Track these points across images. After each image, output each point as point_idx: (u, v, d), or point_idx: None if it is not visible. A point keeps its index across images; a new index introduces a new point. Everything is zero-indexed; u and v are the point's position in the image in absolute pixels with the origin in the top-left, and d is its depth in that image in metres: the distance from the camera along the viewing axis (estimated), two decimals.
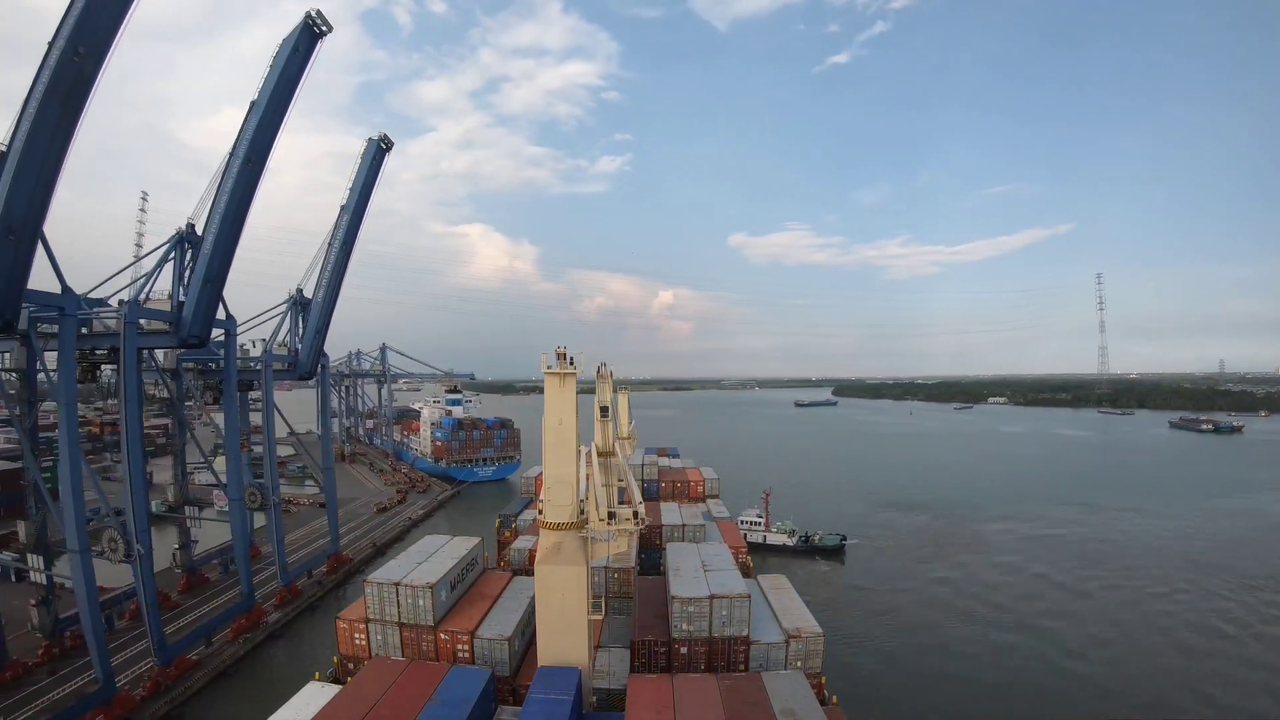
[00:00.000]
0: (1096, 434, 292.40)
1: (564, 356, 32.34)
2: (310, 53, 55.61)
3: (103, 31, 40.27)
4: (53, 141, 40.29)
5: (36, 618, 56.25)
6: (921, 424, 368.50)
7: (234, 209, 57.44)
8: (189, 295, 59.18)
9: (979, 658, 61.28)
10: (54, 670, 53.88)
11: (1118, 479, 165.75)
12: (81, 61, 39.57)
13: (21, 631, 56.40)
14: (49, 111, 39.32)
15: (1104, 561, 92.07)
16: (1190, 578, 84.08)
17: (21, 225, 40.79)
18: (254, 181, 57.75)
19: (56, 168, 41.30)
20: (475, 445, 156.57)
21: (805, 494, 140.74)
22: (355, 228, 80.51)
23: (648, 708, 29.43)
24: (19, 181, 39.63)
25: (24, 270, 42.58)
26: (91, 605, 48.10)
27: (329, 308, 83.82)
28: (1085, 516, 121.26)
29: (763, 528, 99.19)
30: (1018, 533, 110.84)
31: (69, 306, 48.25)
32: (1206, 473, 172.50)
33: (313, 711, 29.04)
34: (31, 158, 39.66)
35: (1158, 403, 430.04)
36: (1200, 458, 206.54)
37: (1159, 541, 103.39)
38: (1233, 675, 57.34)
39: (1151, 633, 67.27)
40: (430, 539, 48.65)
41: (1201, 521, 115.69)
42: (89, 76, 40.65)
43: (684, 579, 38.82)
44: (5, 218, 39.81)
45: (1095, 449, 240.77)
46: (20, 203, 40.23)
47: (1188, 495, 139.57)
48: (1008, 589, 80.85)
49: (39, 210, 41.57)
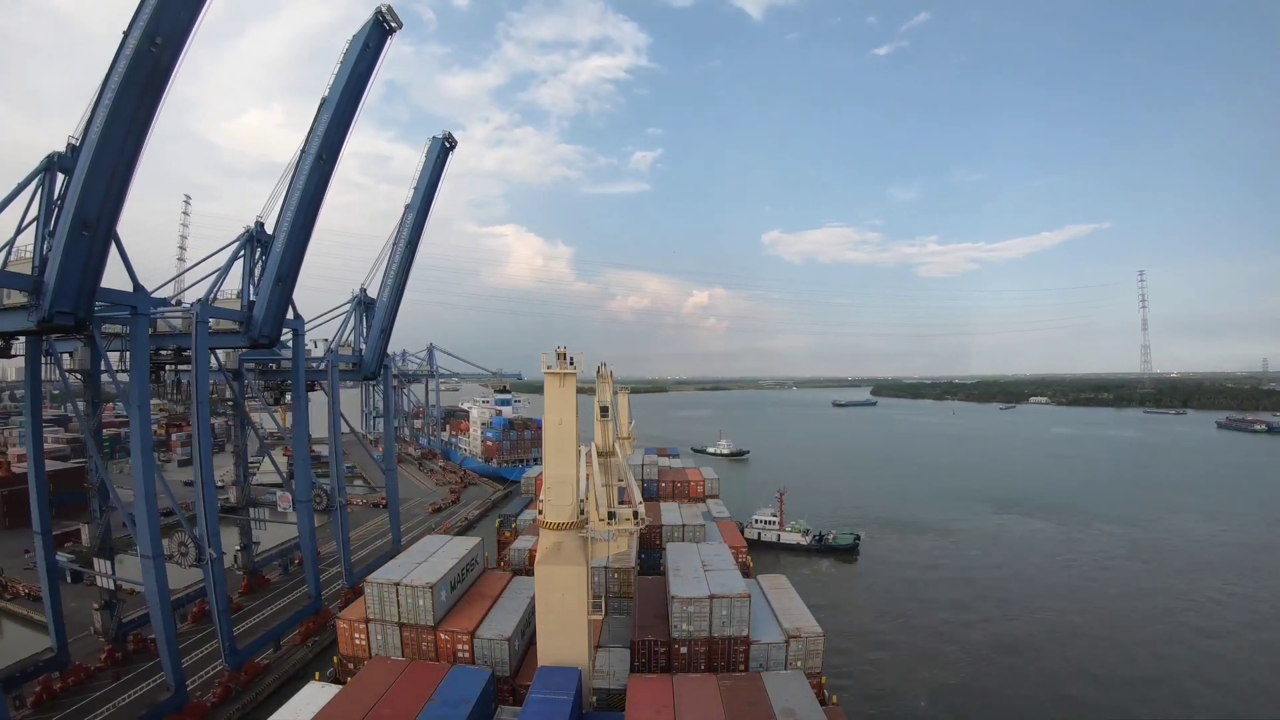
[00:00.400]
0: (1149, 435, 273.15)
1: (564, 356, 31.43)
2: (380, 49, 54.11)
3: (181, 21, 38.08)
4: (128, 135, 38.12)
5: (100, 621, 53.71)
6: (970, 424, 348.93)
7: (306, 207, 55.99)
8: (260, 294, 57.37)
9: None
10: (118, 675, 51.24)
11: (1215, 484, 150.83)
12: (158, 52, 37.24)
13: (81, 635, 53.81)
14: (125, 104, 37.13)
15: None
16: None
17: (96, 221, 38.67)
18: (325, 179, 56.38)
19: (132, 162, 39.21)
20: (526, 445, 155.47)
21: (892, 502, 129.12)
22: (420, 226, 78.18)
23: (648, 708, 28.57)
24: (94, 176, 37.57)
25: (98, 267, 40.38)
26: (164, 612, 45.97)
27: (394, 308, 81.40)
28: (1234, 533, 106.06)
29: (777, 527, 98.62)
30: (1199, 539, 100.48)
31: (142, 305, 45.73)
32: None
33: (313, 711, 28.41)
34: (107, 151, 37.69)
35: (1201, 403, 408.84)
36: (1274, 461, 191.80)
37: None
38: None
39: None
40: (430, 539, 47.22)
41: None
42: (166, 67, 38.34)
43: (684, 579, 37.69)
44: (79, 213, 37.82)
45: (1164, 452, 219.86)
46: (95, 198, 38.12)
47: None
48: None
49: (114, 206, 39.41)
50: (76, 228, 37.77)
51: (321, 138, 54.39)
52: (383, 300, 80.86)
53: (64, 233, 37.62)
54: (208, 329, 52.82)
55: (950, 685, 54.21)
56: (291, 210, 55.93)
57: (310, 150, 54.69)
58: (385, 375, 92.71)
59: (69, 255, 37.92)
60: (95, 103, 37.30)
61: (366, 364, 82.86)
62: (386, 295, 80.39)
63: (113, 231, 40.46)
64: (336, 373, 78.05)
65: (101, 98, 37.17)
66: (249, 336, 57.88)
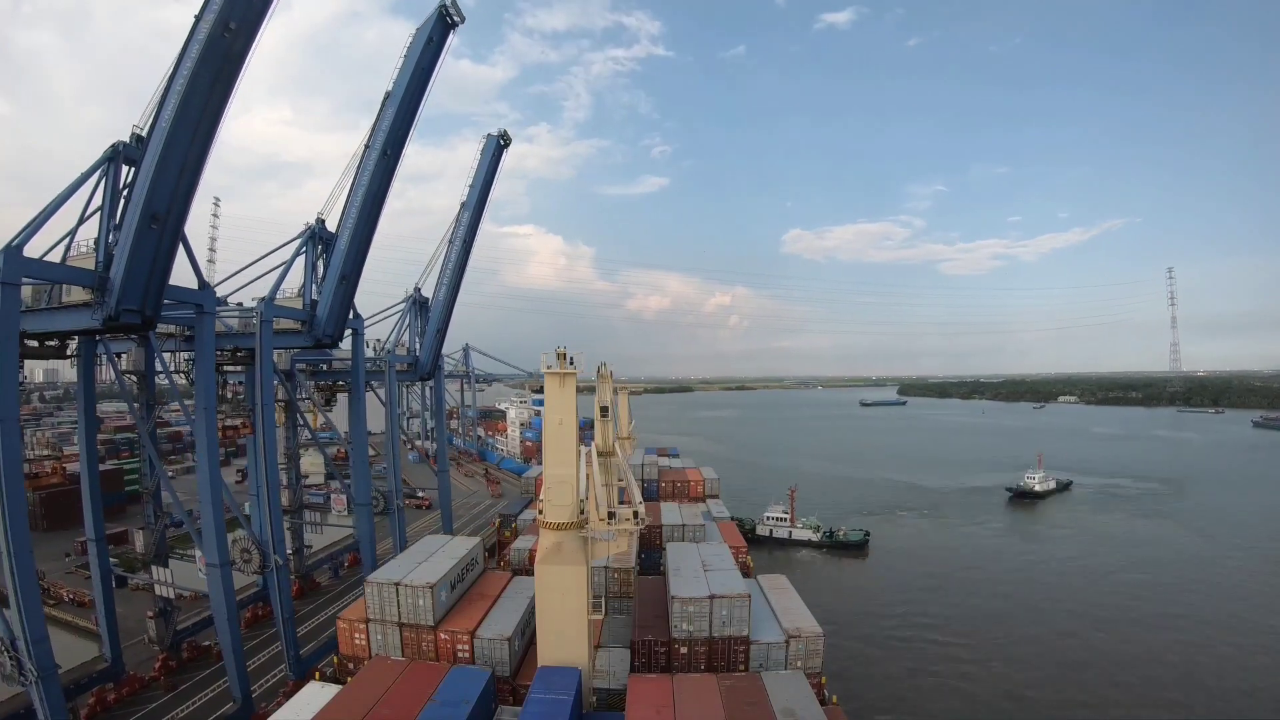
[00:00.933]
0: (1198, 434, 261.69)
1: (564, 356, 30.15)
2: (443, 43, 51.83)
3: (255, 6, 35.51)
4: (199, 125, 35.49)
5: (155, 629, 50.94)
6: (1004, 422, 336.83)
7: (370, 202, 53.42)
8: (323, 293, 54.75)
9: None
10: (172, 685, 48.67)
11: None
12: (231, 38, 34.75)
13: (132, 642, 51.03)
14: (197, 91, 34.49)
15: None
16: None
17: (165, 214, 35.77)
18: (390, 174, 53.92)
19: (204, 153, 36.72)
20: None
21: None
22: (475, 225, 74.45)
23: (648, 707, 27.30)
24: (164, 166, 34.68)
25: (167, 263, 37.52)
26: (231, 620, 43.52)
27: (449, 307, 77.76)
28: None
29: (788, 523, 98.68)
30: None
31: (208, 304, 43.03)
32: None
33: (313, 711, 27.71)
34: (178, 142, 34.77)
35: (1232, 401, 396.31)
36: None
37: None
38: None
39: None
40: (430, 539, 45.18)
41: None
42: (239, 54, 35.75)
43: (684, 579, 36.20)
44: (149, 206, 34.92)
45: (1230, 450, 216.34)
46: (164, 190, 35.19)
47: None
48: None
49: (184, 198, 36.67)
50: (145, 221, 35.00)
51: (386, 133, 52.37)
52: (438, 299, 77.05)
53: (132, 226, 34.92)
54: (272, 328, 50.47)
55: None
56: (356, 206, 53.58)
57: (375, 145, 52.61)
58: (439, 376, 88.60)
59: (137, 250, 35.13)
60: (165, 91, 34.72)
61: (422, 364, 79.53)
62: (442, 294, 76.61)
63: (182, 226, 37.61)
64: (394, 373, 75.24)
65: (172, 85, 34.43)
66: (312, 336, 55.25)
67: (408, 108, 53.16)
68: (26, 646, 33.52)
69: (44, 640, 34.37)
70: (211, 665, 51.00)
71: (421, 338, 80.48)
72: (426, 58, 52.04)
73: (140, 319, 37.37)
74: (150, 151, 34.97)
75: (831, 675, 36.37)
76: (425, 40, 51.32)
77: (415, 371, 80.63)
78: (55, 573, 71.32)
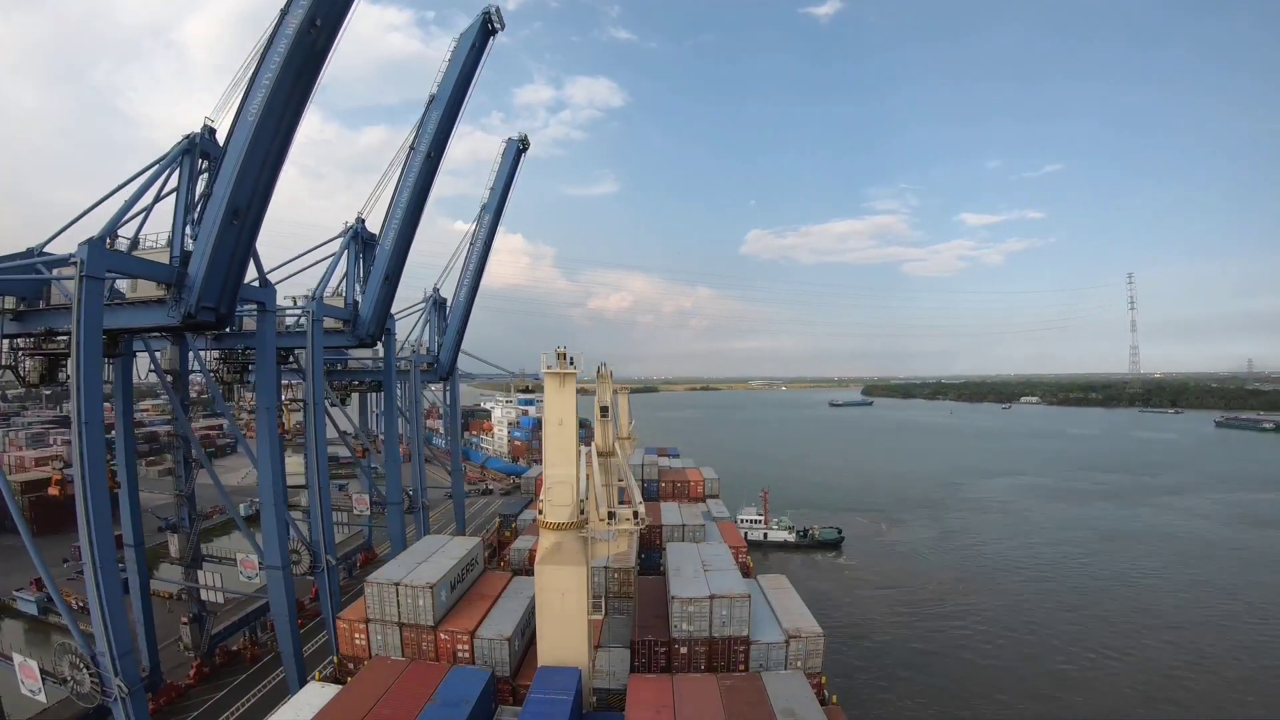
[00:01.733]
0: (1181, 436, 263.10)
1: (564, 356, 30.08)
2: (485, 48, 53.34)
3: (339, 4, 35.27)
4: (282, 119, 35.06)
5: (189, 636, 49.95)
6: (979, 422, 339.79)
7: (413, 203, 54.03)
8: (366, 293, 55.04)
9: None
10: (210, 691, 47.81)
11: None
12: (315, 35, 34.40)
13: (163, 646, 49.64)
14: (283, 86, 34.09)
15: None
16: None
17: (246, 209, 35.12)
18: (432, 175, 54.64)
19: (285, 148, 36.31)
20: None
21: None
22: (494, 226, 75.12)
23: (648, 707, 27.28)
24: (250, 160, 34.14)
25: (244, 260, 36.82)
26: (292, 625, 42.58)
27: (468, 308, 78.29)
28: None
29: (763, 525, 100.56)
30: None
31: (270, 302, 42.08)
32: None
33: (313, 711, 27.39)
34: (263, 135, 34.32)
35: (1189, 402, 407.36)
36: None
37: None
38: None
39: None
40: (430, 539, 44.37)
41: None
42: (322, 52, 35.48)
43: (684, 579, 36.02)
44: (232, 200, 34.08)
45: (1237, 446, 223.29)
46: (248, 184, 34.59)
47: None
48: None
49: (264, 193, 36.12)
50: (228, 217, 34.30)
51: (431, 135, 53.49)
52: (459, 300, 77.64)
53: (216, 221, 34.34)
54: (322, 327, 50.12)
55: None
56: (401, 207, 54.19)
57: (419, 148, 53.77)
58: (454, 377, 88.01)
59: (219, 246, 34.61)
60: (249, 84, 34.44)
61: (442, 365, 79.61)
62: (463, 295, 77.15)
63: (260, 222, 36.94)
64: (418, 373, 75.88)
65: (258, 78, 34.11)
66: (355, 336, 55.64)
67: (451, 110, 54.78)
68: (112, 661, 32.02)
69: (130, 654, 32.94)
70: (245, 670, 50.91)
71: (441, 338, 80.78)
72: (470, 63, 53.87)
73: (215, 317, 36.46)
74: (234, 145, 34.52)
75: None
76: (469, 45, 53.20)
77: (435, 372, 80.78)
78: (60, 580, 65.40)
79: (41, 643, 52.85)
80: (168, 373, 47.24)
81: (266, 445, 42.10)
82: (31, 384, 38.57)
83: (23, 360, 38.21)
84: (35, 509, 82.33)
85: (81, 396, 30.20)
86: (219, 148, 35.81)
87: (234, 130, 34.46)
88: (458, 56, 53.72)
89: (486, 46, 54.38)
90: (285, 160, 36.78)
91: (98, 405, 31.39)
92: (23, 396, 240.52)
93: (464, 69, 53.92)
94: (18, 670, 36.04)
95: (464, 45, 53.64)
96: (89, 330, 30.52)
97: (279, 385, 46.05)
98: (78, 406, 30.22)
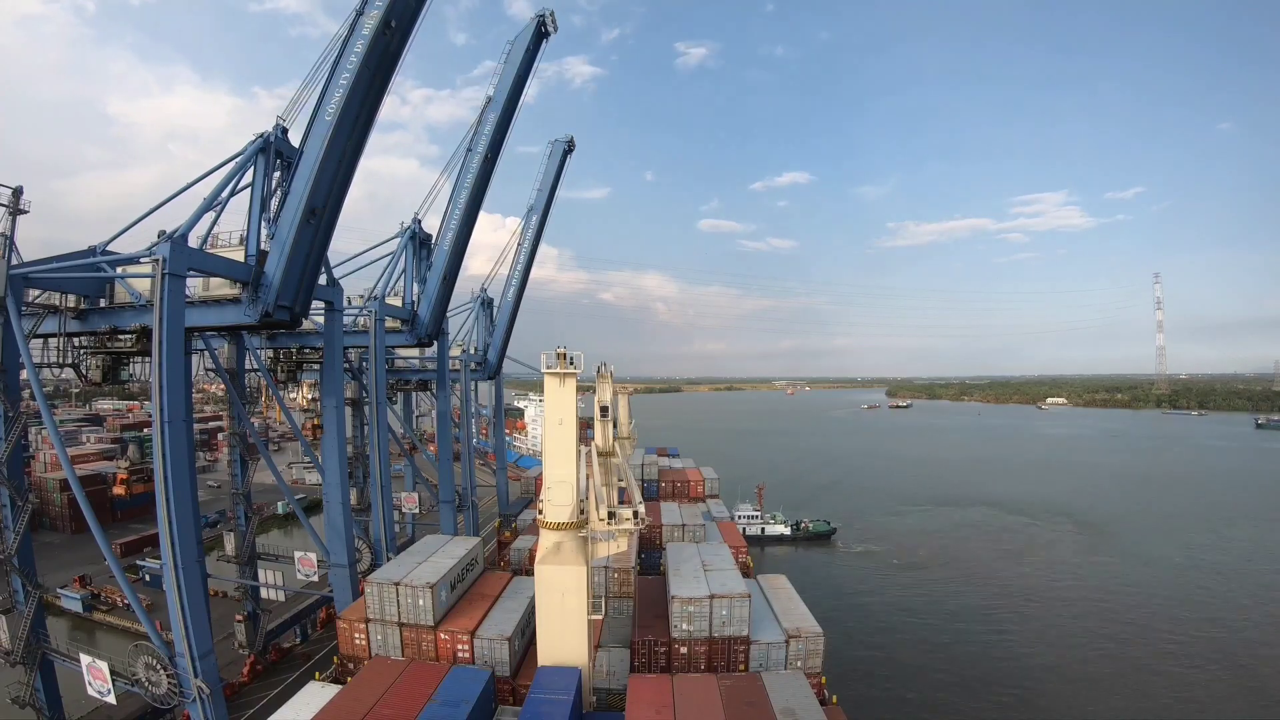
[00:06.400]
0: (1238, 443, 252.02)
1: (564, 356, 29.98)
2: (538, 51, 53.66)
3: (411, 6, 35.50)
4: (358, 119, 35.07)
5: (243, 633, 49.37)
6: (1049, 430, 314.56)
7: (471, 203, 53.95)
8: (425, 292, 54.99)
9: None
10: (264, 690, 47.37)
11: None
12: (390, 36, 34.47)
13: (216, 643, 48.46)
14: (359, 87, 34.05)
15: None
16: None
17: (323, 208, 34.78)
18: (488, 176, 54.72)
19: (360, 147, 36.20)
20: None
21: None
22: (541, 227, 75.64)
23: (648, 707, 27.25)
24: (328, 159, 33.93)
25: (319, 258, 36.39)
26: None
27: (515, 308, 79.13)
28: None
29: (760, 520, 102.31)
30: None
31: (337, 301, 41.91)
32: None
33: (313, 711, 27.11)
34: (341, 135, 34.13)
35: (1216, 404, 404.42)
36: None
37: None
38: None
39: None
40: (430, 539, 43.71)
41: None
42: (396, 53, 35.59)
43: (684, 579, 35.68)
44: (310, 199, 33.66)
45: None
46: (325, 183, 34.35)
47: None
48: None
49: (339, 192, 36.05)
50: (306, 215, 33.97)
51: (488, 137, 53.53)
52: (507, 300, 78.12)
53: (294, 220, 34.03)
54: (384, 326, 50.26)
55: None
56: (460, 207, 53.96)
57: (477, 149, 53.63)
58: (499, 376, 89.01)
59: (297, 244, 34.28)
60: (325, 84, 34.40)
61: (490, 364, 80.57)
62: (511, 295, 77.62)
63: (336, 220, 36.65)
64: (469, 372, 76.63)
65: (334, 79, 34.12)
66: (414, 335, 55.58)
67: (508, 111, 55.21)
68: (192, 662, 31.16)
69: (211, 654, 32.25)
70: (297, 668, 50.71)
71: (490, 337, 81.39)
72: (525, 65, 54.18)
73: (290, 316, 36.04)
74: (312, 144, 34.28)
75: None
76: (525, 49, 53.63)
77: (484, 370, 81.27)
78: (100, 577, 67.55)
79: (85, 640, 51.92)
80: (227, 370, 47.20)
81: (335, 443, 41.52)
82: (94, 382, 38.07)
83: (84, 358, 37.39)
84: (72, 507, 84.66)
85: (165, 395, 29.54)
86: (292, 147, 35.89)
87: (311, 129, 34.46)
88: (513, 59, 54.25)
89: (540, 49, 54.82)
90: (360, 159, 36.96)
91: (180, 404, 30.87)
92: (50, 395, 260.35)
93: (520, 71, 54.34)
94: (86, 672, 34.40)
95: (519, 48, 54.17)
96: (171, 328, 29.88)
97: (342, 383, 45.78)
98: (159, 405, 29.62)
